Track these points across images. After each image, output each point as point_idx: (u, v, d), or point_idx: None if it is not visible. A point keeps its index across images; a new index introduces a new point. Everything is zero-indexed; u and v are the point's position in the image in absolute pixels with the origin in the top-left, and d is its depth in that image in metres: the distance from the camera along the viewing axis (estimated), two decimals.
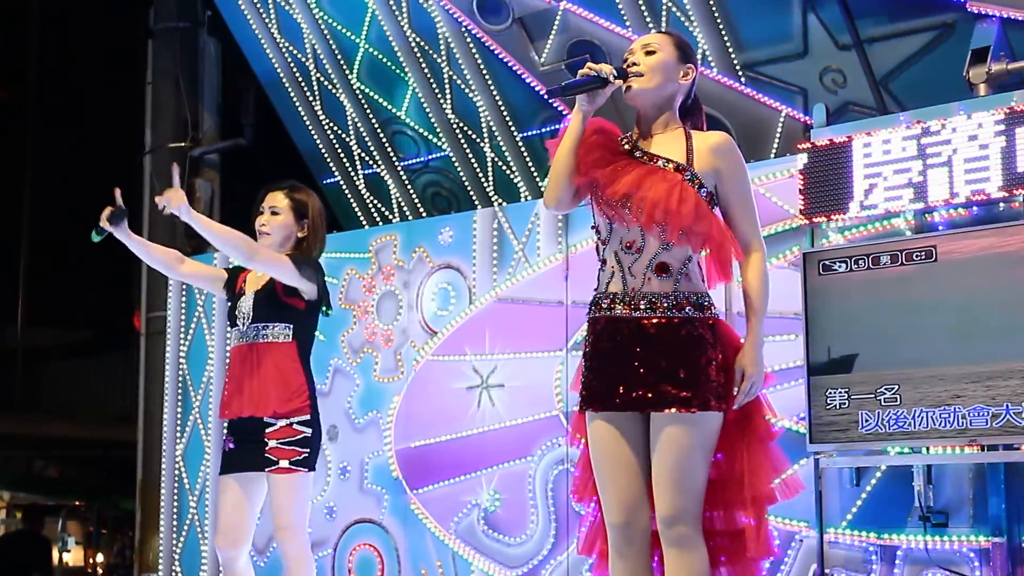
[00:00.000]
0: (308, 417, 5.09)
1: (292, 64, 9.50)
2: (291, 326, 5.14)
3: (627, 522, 3.77)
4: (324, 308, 5.28)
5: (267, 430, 5.03)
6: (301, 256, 5.14)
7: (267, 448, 5.01)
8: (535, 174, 8.63)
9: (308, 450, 5.06)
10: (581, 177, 3.81)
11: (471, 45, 8.49)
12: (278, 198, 5.25)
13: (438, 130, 8.96)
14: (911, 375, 5.71)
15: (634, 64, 3.83)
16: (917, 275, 5.76)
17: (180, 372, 8.82)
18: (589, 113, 3.82)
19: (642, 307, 3.75)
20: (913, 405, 5.68)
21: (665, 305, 3.74)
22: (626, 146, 3.86)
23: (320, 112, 9.54)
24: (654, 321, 3.74)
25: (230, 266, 5.50)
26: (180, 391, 8.79)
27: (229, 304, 5.30)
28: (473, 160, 8.92)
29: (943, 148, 5.91)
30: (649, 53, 3.84)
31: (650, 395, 3.71)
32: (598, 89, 3.77)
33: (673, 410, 3.68)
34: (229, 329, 5.30)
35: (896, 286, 5.81)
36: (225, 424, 5.26)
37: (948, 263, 5.70)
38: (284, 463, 5.00)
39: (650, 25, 7.60)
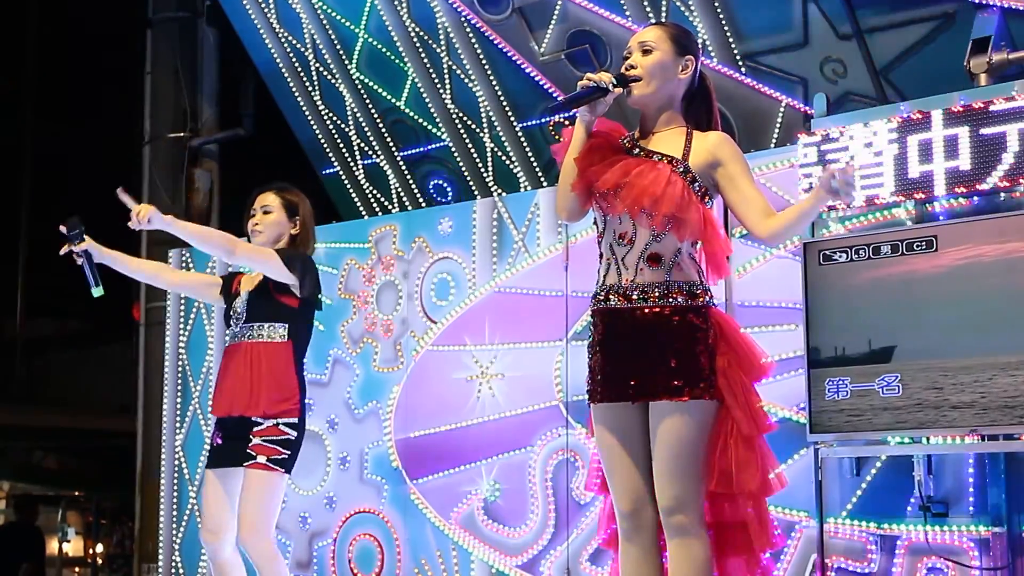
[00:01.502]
0: (295, 420, 5.11)
1: (291, 54, 9.49)
2: (286, 326, 5.16)
3: (634, 510, 3.81)
4: (317, 304, 5.29)
5: (254, 428, 5.05)
6: (289, 250, 5.17)
7: (250, 444, 5.03)
8: (535, 164, 8.63)
9: (288, 452, 5.09)
10: (578, 182, 3.84)
11: (471, 35, 8.48)
12: (269, 198, 5.32)
13: (438, 120, 8.95)
14: (911, 365, 5.71)
15: (632, 68, 3.84)
16: (918, 265, 5.76)
17: (180, 363, 8.81)
18: (591, 123, 3.86)
19: (635, 298, 3.79)
20: (913, 395, 5.67)
21: (656, 295, 3.77)
22: (627, 144, 3.89)
23: (319, 102, 9.53)
24: (646, 311, 3.77)
25: (228, 271, 5.51)
26: (180, 382, 8.78)
27: (225, 306, 5.32)
28: (473, 150, 8.91)
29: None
30: (646, 52, 3.86)
31: (643, 385, 3.75)
32: (598, 99, 3.79)
33: (665, 399, 3.71)
34: (225, 330, 5.31)
35: (897, 276, 5.80)
36: (215, 419, 5.28)
37: (949, 253, 5.69)
38: (262, 459, 5.03)
39: (650, 14, 7.59)
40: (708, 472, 3.72)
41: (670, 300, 3.77)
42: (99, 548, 17.40)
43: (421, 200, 9.30)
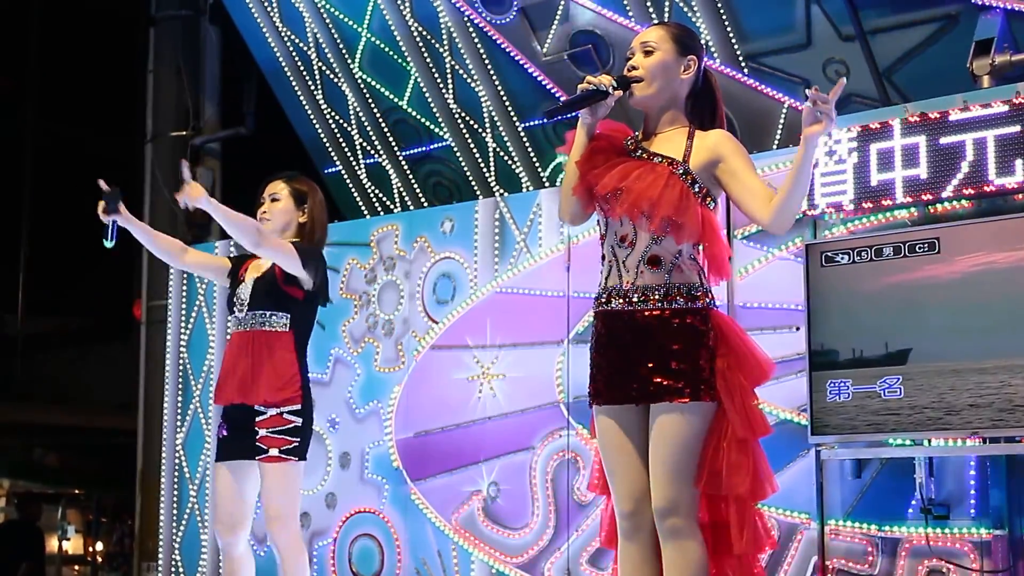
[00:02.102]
0: (299, 407, 5.12)
1: (294, 53, 9.49)
2: (288, 315, 5.17)
3: (635, 511, 3.81)
4: (322, 301, 5.31)
5: (257, 419, 5.06)
6: (305, 246, 5.19)
7: (258, 437, 5.04)
8: (537, 164, 8.62)
9: (298, 439, 5.09)
10: (579, 185, 3.84)
11: (473, 35, 8.48)
12: (278, 186, 5.35)
13: (440, 120, 8.95)
14: (913, 367, 5.71)
15: (634, 68, 3.84)
16: (920, 267, 5.76)
17: (181, 361, 8.81)
18: (592, 126, 3.85)
19: (635, 300, 3.79)
20: (915, 397, 5.67)
21: (656, 297, 3.77)
22: (630, 146, 3.88)
23: (322, 101, 9.52)
24: (646, 313, 3.77)
25: (232, 255, 5.53)
26: (181, 380, 8.78)
27: (229, 291, 5.34)
28: (475, 150, 8.90)
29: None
30: (648, 53, 3.86)
31: (644, 387, 3.75)
32: (599, 101, 3.79)
33: (666, 401, 3.70)
34: (229, 316, 5.34)
35: (899, 278, 5.80)
36: (221, 411, 5.30)
37: (951, 255, 5.69)
38: (273, 451, 5.04)
39: (652, 15, 7.58)
40: (699, 472, 3.72)
41: (670, 302, 3.76)
42: (99, 546, 17.42)
43: (423, 199, 9.29)
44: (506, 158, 8.72)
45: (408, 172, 9.36)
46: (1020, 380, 5.42)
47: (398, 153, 9.33)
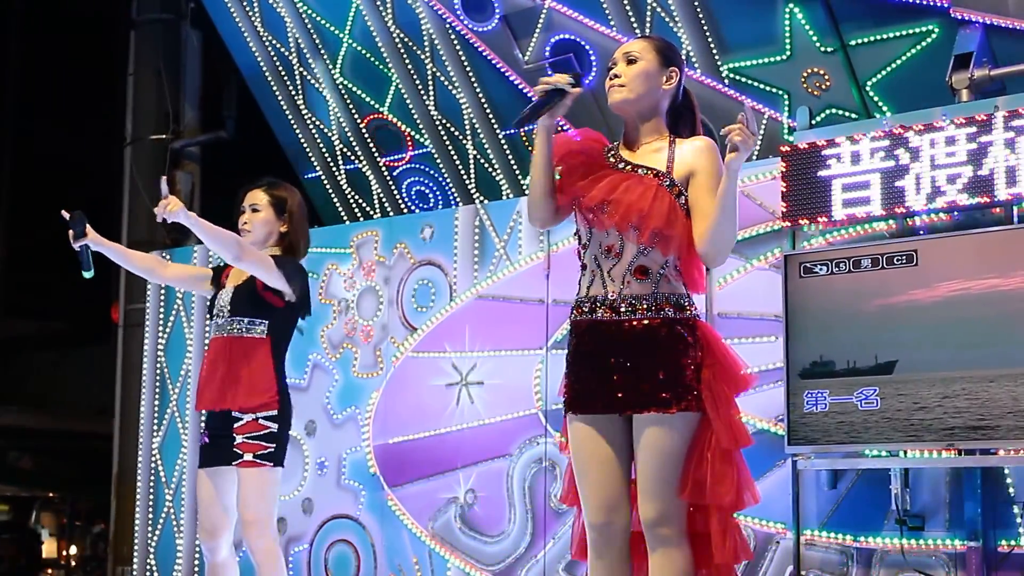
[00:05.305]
0: (275, 413, 5.13)
1: (275, 58, 9.47)
2: (266, 322, 5.17)
3: (606, 522, 3.79)
4: (303, 312, 5.31)
5: (235, 425, 5.07)
6: (286, 259, 5.18)
7: (235, 443, 5.05)
8: (517, 172, 8.63)
9: (274, 445, 5.11)
10: (564, 197, 3.85)
11: (455, 42, 8.48)
12: (258, 195, 5.30)
13: (421, 126, 8.95)
14: (890, 378, 5.73)
15: (616, 77, 3.85)
16: (898, 279, 5.78)
17: (158, 365, 8.79)
18: (551, 127, 3.85)
19: (623, 310, 3.77)
20: (891, 408, 5.69)
21: (645, 307, 3.76)
22: (611, 158, 3.88)
23: (302, 106, 9.51)
24: (634, 323, 3.76)
25: (212, 264, 5.53)
26: (158, 384, 8.76)
27: (210, 296, 5.34)
28: (456, 157, 8.91)
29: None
30: (631, 62, 3.87)
31: (630, 396, 3.74)
32: (559, 103, 3.78)
33: (653, 411, 3.69)
34: (208, 321, 5.33)
35: (877, 289, 5.83)
36: (203, 419, 5.30)
37: (929, 267, 5.72)
38: (249, 456, 5.06)
39: (634, 25, 7.60)
40: (682, 482, 3.71)
41: (659, 312, 3.76)
42: (73, 550, 17.32)
43: (403, 206, 9.29)
44: (487, 165, 8.73)
45: (388, 178, 9.35)
46: (995, 392, 5.45)
47: (378, 159, 9.33)
